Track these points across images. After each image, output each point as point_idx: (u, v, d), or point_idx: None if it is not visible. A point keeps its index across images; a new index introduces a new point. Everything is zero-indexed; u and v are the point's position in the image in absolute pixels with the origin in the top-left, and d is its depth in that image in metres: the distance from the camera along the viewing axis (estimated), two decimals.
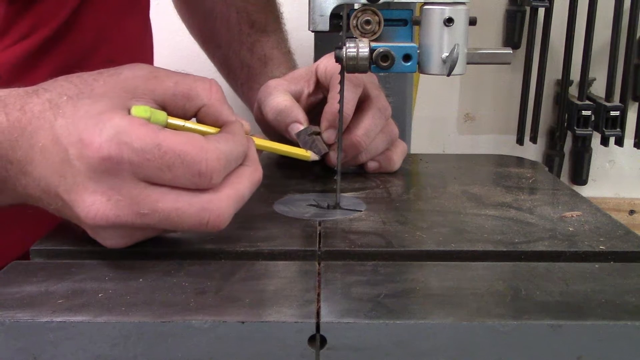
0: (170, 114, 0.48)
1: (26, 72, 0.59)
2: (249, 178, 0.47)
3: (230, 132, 0.47)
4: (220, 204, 0.44)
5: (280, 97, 0.67)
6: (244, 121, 0.51)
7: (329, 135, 0.65)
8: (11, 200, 0.47)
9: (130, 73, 0.46)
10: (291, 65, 0.81)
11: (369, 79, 0.67)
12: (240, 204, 0.46)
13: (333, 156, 0.65)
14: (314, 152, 0.62)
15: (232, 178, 0.46)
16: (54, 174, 0.43)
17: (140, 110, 0.44)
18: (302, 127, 0.65)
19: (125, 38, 0.70)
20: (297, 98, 0.69)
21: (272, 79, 0.72)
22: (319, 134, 0.65)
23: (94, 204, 0.42)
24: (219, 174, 0.43)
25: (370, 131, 0.65)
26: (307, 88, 0.70)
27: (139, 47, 0.75)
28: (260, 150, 0.52)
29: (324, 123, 0.65)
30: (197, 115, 0.49)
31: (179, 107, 0.48)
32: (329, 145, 0.65)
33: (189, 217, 0.43)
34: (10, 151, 0.44)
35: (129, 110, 0.44)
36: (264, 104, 0.68)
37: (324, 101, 0.67)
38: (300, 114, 0.66)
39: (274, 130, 0.69)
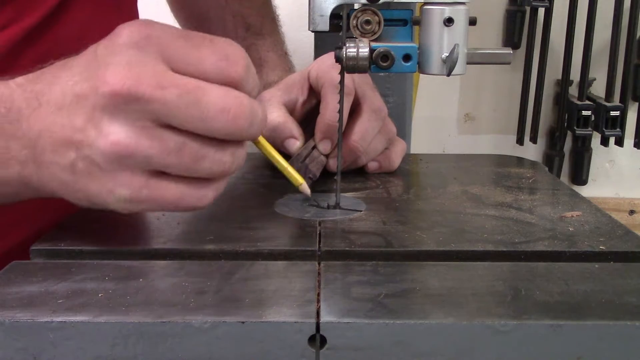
0: None
1: (10, 61, 0.58)
2: None
3: None
4: (247, 105, 0.43)
5: (275, 112, 0.67)
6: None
7: (325, 146, 0.65)
8: (32, 193, 0.47)
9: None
10: (287, 67, 0.81)
11: (362, 80, 0.67)
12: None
13: (332, 163, 0.65)
14: (309, 176, 0.62)
15: None
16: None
17: None
18: (297, 143, 0.65)
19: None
20: (291, 107, 0.69)
21: (266, 90, 0.71)
22: (314, 147, 0.65)
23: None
24: (246, 69, 0.43)
25: (367, 134, 0.65)
26: (301, 95, 0.69)
27: None
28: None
29: (318, 134, 0.65)
30: None
31: None
32: (327, 155, 0.65)
33: (212, 101, 0.42)
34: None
35: None
36: None
37: (318, 106, 0.67)
38: (294, 129, 0.65)
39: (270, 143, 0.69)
